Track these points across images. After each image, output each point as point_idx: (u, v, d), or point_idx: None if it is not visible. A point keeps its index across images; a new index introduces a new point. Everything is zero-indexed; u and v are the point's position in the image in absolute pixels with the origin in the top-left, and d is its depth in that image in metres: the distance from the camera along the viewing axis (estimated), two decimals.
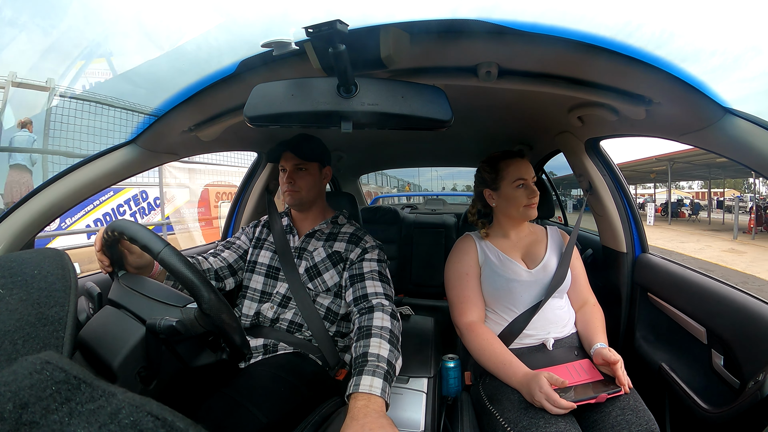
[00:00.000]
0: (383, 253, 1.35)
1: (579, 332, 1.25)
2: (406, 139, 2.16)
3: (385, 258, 1.34)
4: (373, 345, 1.03)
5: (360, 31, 0.70)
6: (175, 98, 1.00)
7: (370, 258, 1.30)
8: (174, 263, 0.75)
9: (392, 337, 1.07)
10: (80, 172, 1.08)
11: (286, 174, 1.33)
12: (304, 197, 1.34)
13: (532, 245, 1.35)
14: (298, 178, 1.33)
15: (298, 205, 1.37)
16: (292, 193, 1.33)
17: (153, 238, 0.79)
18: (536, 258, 1.31)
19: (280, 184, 1.38)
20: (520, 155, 1.33)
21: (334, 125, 0.79)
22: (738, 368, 1.03)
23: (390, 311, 1.14)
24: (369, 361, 0.98)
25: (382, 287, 1.23)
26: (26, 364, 0.32)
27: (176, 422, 0.29)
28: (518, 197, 1.29)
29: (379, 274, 1.26)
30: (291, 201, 1.35)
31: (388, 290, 1.23)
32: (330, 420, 1.14)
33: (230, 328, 0.79)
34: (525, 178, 1.28)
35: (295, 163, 1.33)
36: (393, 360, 1.01)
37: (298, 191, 1.33)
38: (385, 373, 0.96)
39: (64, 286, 0.54)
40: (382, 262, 1.31)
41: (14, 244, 1.02)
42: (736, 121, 0.81)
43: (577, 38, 0.73)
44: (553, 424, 0.93)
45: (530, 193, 1.28)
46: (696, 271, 1.29)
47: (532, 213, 1.30)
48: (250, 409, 0.98)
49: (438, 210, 4.27)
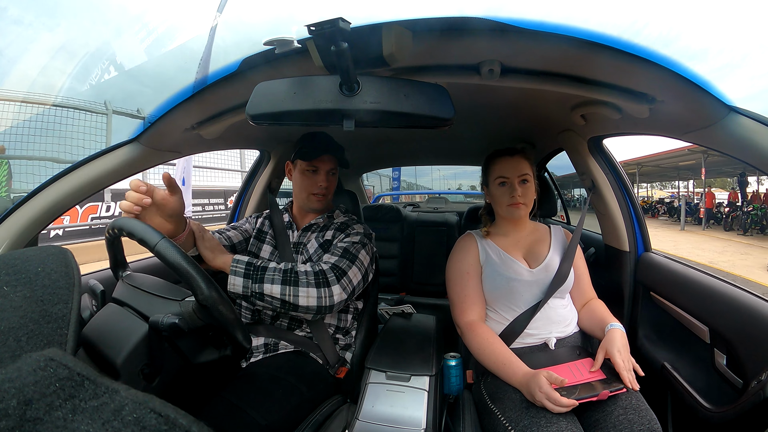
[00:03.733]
0: (366, 240, 1.32)
1: (587, 324, 1.25)
2: (409, 138, 2.16)
3: (365, 242, 1.31)
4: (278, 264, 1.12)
5: (362, 29, 0.70)
6: (178, 96, 1.00)
7: (344, 238, 1.29)
8: (170, 255, 0.76)
9: (290, 271, 1.10)
10: (83, 170, 1.08)
11: (320, 176, 1.33)
12: (329, 201, 1.38)
13: (534, 244, 1.34)
14: (329, 182, 1.35)
15: (324, 209, 1.39)
16: (322, 199, 1.35)
17: (149, 232, 0.79)
18: (538, 257, 1.30)
19: (303, 184, 1.36)
20: (510, 153, 1.31)
21: (336, 123, 0.79)
22: (741, 367, 1.03)
23: (317, 269, 1.13)
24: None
25: (336, 259, 1.19)
26: (30, 360, 0.32)
27: (179, 419, 0.30)
28: (499, 196, 1.30)
29: (343, 251, 1.23)
30: (320, 206, 1.36)
31: (341, 263, 1.19)
32: (331, 419, 1.14)
33: (228, 319, 0.79)
34: (507, 176, 1.27)
35: (332, 167, 1.34)
36: (268, 271, 1.08)
37: (327, 195, 1.36)
38: (252, 263, 1.08)
39: (67, 283, 0.54)
40: (357, 244, 1.28)
41: (18, 241, 1.02)
42: (740, 120, 0.80)
43: (580, 36, 0.73)
44: (555, 424, 0.93)
45: (512, 192, 1.26)
46: (699, 270, 1.29)
47: (517, 212, 1.28)
48: (248, 412, 0.98)
49: (440, 208, 4.27)
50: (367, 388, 1.17)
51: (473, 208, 2.28)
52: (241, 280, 1.03)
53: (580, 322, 1.28)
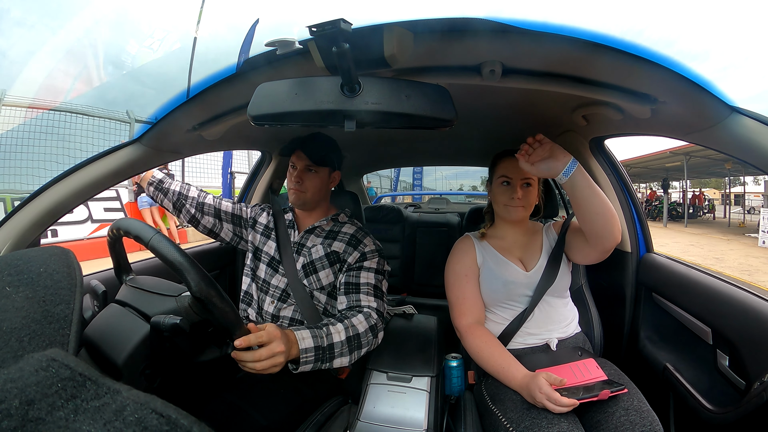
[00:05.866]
0: (383, 261, 1.31)
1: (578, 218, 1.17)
2: (410, 138, 2.15)
3: (383, 267, 1.29)
4: (336, 327, 1.02)
5: (364, 30, 0.70)
6: (179, 97, 1.01)
7: (368, 267, 1.26)
8: (163, 248, 0.76)
9: (354, 337, 1.04)
10: (85, 171, 1.09)
11: (296, 172, 1.32)
12: (308, 199, 1.33)
13: (530, 246, 1.33)
14: (306, 179, 1.32)
15: (301, 205, 1.36)
16: (297, 193, 1.32)
17: (144, 228, 0.80)
18: (533, 259, 1.30)
19: (287, 179, 1.37)
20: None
21: (337, 124, 0.79)
22: (743, 369, 1.02)
23: (372, 323, 1.11)
24: (321, 329, 0.99)
25: (376, 303, 1.18)
26: (32, 361, 0.32)
27: (180, 420, 0.30)
28: (499, 195, 1.30)
29: (374, 288, 1.22)
30: (295, 200, 1.34)
31: (381, 306, 1.19)
32: (333, 419, 1.14)
33: (224, 313, 0.77)
34: (510, 176, 1.26)
35: (307, 164, 1.32)
36: (335, 348, 1.00)
37: (304, 192, 1.32)
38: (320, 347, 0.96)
39: (69, 284, 0.54)
40: (380, 273, 1.26)
41: (20, 242, 1.02)
42: (742, 120, 0.80)
43: (581, 37, 0.72)
44: (556, 425, 0.93)
45: (512, 193, 1.25)
46: (701, 271, 1.28)
47: (515, 214, 1.28)
48: (250, 413, 0.98)
49: (441, 209, 4.27)
50: (368, 389, 1.17)
51: (475, 209, 2.27)
52: (311, 366, 0.96)
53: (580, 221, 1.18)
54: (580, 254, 1.25)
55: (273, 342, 0.84)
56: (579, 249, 1.24)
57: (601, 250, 1.16)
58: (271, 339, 0.84)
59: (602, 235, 1.11)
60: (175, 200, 1.43)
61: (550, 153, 1.06)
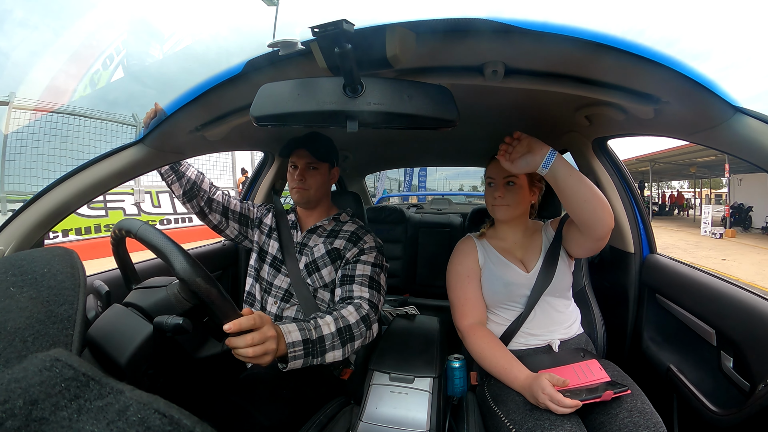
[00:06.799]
0: (381, 256, 1.31)
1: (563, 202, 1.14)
2: (412, 139, 2.15)
3: (382, 262, 1.29)
4: (325, 320, 0.99)
5: (366, 30, 0.70)
6: (182, 98, 1.01)
7: (365, 260, 1.26)
8: (149, 236, 0.76)
9: (345, 329, 1.01)
10: (88, 171, 1.09)
11: (297, 171, 1.33)
12: (312, 196, 1.35)
13: (530, 246, 1.33)
14: (308, 177, 1.33)
15: (305, 203, 1.37)
16: (301, 191, 1.33)
17: (131, 222, 0.82)
18: (533, 260, 1.29)
19: (288, 180, 1.38)
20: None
21: (339, 125, 0.79)
22: (748, 370, 1.02)
23: (363, 314, 1.08)
24: (308, 322, 0.96)
25: (369, 293, 1.17)
26: (36, 361, 0.32)
27: (183, 420, 0.30)
28: (486, 195, 1.32)
29: (369, 280, 1.21)
30: (299, 199, 1.35)
31: (374, 296, 1.17)
32: (335, 420, 1.14)
33: (208, 292, 0.74)
34: (493, 176, 1.28)
35: (308, 162, 1.33)
36: (326, 340, 0.96)
37: (308, 189, 1.34)
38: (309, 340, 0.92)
39: (73, 284, 0.54)
40: (377, 267, 1.26)
41: (24, 242, 1.03)
42: (746, 120, 0.79)
43: (584, 37, 0.72)
44: (559, 426, 0.93)
45: (496, 192, 1.27)
46: (705, 272, 1.27)
47: (498, 213, 1.29)
48: (252, 413, 0.98)
49: (444, 210, 4.26)
50: (370, 390, 1.16)
51: (477, 210, 2.27)
52: (300, 361, 0.92)
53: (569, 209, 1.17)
54: (576, 246, 1.24)
55: (265, 326, 0.81)
56: (575, 241, 1.23)
57: (596, 238, 1.14)
58: (263, 322, 0.81)
59: (593, 221, 1.09)
60: (188, 189, 1.38)
61: (528, 148, 1.05)
